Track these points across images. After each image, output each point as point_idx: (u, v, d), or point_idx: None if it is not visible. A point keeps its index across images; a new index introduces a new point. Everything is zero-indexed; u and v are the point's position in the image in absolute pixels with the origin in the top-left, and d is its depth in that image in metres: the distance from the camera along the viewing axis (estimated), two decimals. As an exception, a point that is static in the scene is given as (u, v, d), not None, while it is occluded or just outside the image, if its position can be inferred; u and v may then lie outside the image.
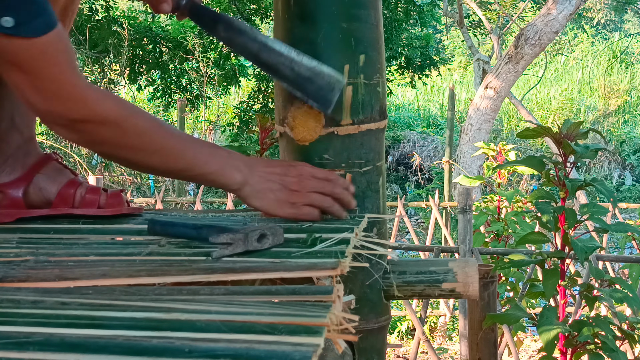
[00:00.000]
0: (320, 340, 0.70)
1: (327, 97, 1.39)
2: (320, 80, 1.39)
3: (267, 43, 1.41)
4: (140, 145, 1.30)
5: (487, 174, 4.02)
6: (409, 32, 10.40)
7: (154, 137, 1.31)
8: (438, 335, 5.15)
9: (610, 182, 12.23)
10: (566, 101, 14.29)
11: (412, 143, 12.72)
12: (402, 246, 4.71)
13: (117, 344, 0.71)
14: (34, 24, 1.20)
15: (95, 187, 1.45)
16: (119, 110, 1.28)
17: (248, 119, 9.84)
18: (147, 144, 1.31)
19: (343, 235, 1.18)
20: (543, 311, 2.07)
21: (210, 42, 10.00)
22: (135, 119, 1.30)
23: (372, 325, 1.46)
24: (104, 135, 1.28)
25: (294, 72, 1.39)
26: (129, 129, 1.28)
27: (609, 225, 2.14)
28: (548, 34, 7.21)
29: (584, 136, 2.06)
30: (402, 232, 8.51)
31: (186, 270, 1.00)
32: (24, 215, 1.41)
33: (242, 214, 1.50)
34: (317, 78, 1.39)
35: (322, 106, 1.41)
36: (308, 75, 1.39)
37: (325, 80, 1.39)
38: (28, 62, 1.21)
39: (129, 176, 9.46)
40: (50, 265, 1.06)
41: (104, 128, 1.27)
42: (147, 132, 1.31)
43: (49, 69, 1.23)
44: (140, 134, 1.30)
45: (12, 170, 1.43)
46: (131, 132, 1.29)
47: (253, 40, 1.42)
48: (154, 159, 1.32)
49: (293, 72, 1.39)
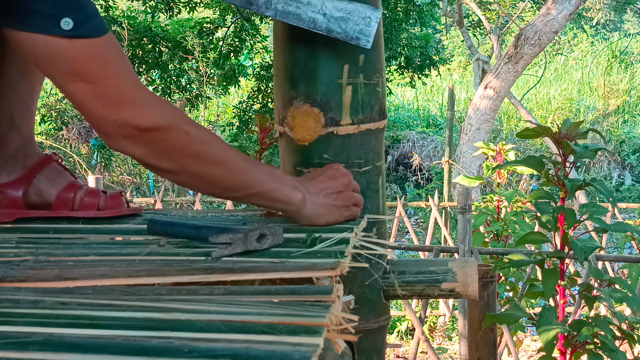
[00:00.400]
0: (320, 341, 0.70)
1: (365, 31, 1.36)
2: (355, 17, 1.36)
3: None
4: (207, 154, 1.23)
5: (486, 174, 4.01)
6: (409, 32, 10.40)
7: (219, 146, 1.25)
8: (437, 335, 5.15)
9: (609, 182, 12.23)
10: (566, 101, 14.28)
11: (412, 143, 12.72)
12: (401, 246, 4.71)
13: (117, 344, 0.71)
14: (93, 24, 1.17)
15: (94, 190, 1.45)
16: (183, 117, 1.23)
17: (247, 119, 9.84)
18: (213, 153, 1.24)
19: (343, 235, 1.18)
20: (542, 311, 2.07)
21: (209, 42, 10.00)
22: (198, 127, 1.25)
23: (372, 325, 1.46)
24: (173, 142, 1.20)
25: (327, 17, 1.36)
26: (195, 136, 1.21)
27: (608, 225, 2.14)
28: (547, 34, 7.21)
29: (584, 136, 2.06)
30: (401, 232, 8.51)
31: (185, 270, 1.00)
32: (24, 215, 1.41)
33: (242, 213, 1.50)
34: (351, 15, 1.36)
35: (362, 42, 1.37)
36: (341, 15, 1.36)
37: (361, 15, 1.36)
38: (89, 67, 1.16)
39: (128, 176, 9.46)
40: (49, 265, 1.06)
41: (173, 135, 1.20)
42: (212, 141, 1.24)
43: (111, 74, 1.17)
44: (207, 143, 1.23)
45: (12, 171, 1.43)
46: (198, 139, 1.22)
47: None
48: (220, 171, 1.24)
49: (325, 16, 1.36)
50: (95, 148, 9.88)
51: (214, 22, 10.05)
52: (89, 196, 1.43)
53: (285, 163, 1.51)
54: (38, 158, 1.47)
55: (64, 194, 1.43)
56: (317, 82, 1.44)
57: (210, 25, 10.05)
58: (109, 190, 1.47)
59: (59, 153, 1.55)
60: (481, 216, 3.82)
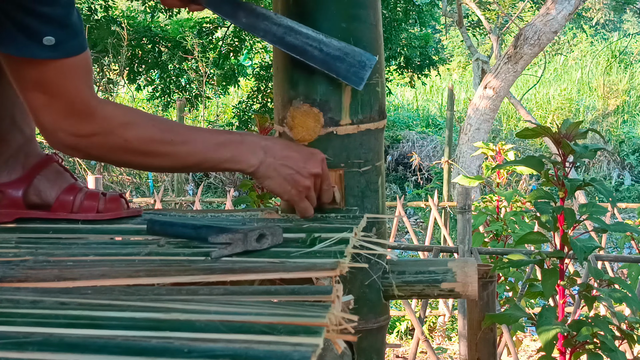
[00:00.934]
0: (320, 341, 0.70)
1: (359, 74, 1.40)
2: (350, 59, 1.40)
3: (294, 27, 1.41)
4: (148, 150, 1.32)
5: (486, 174, 4.01)
6: (408, 32, 10.40)
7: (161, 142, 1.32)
8: (437, 335, 5.15)
9: (609, 182, 12.23)
10: (565, 101, 14.29)
11: (412, 143, 12.72)
12: (401, 246, 4.71)
13: (116, 344, 0.71)
14: (72, 44, 1.24)
15: (94, 193, 1.45)
16: (123, 118, 1.30)
17: (247, 119, 9.84)
18: (155, 149, 1.32)
19: (342, 235, 1.18)
20: (542, 311, 2.07)
21: (209, 42, 10.00)
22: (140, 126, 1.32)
23: (371, 325, 1.46)
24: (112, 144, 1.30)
25: (323, 53, 1.40)
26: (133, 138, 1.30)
27: (608, 225, 2.14)
28: (547, 34, 7.21)
29: (583, 136, 2.06)
30: (401, 232, 8.51)
31: (185, 270, 1.00)
32: (23, 215, 1.41)
33: (241, 214, 1.50)
34: (347, 57, 1.40)
35: (354, 83, 1.41)
36: (338, 55, 1.40)
37: (357, 58, 1.40)
38: (54, 82, 1.24)
39: (128, 176, 9.45)
40: (49, 265, 1.06)
41: (111, 138, 1.29)
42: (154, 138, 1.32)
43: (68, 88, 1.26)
44: (147, 141, 1.31)
45: (12, 171, 1.43)
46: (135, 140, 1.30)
47: (278, 25, 1.42)
48: (165, 161, 1.35)
49: (322, 52, 1.40)
50: (95, 148, 9.85)
51: (214, 22, 10.05)
52: (88, 199, 1.44)
53: (285, 163, 1.51)
54: (39, 158, 1.47)
55: (64, 196, 1.44)
56: (316, 82, 1.44)
57: (209, 25, 10.05)
58: (109, 192, 1.47)
59: (59, 153, 1.55)
60: (481, 216, 3.82)
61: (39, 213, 1.43)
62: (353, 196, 1.45)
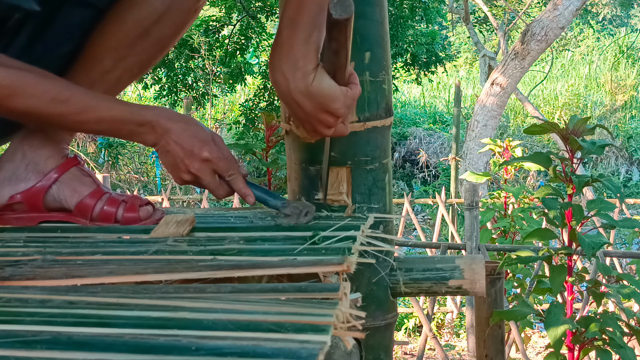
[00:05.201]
0: (327, 338, 0.70)
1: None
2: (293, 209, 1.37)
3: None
4: (36, 120, 1.32)
5: (493, 171, 4.01)
6: (415, 29, 10.39)
7: (49, 114, 1.28)
8: (445, 332, 5.14)
9: (617, 177, 12.20)
10: (573, 97, 14.25)
11: (419, 140, 12.71)
12: (408, 243, 4.71)
13: (124, 342, 0.71)
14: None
15: (114, 199, 1.39)
16: (5, 84, 1.24)
17: (254, 117, 9.85)
18: (43, 120, 1.30)
19: (349, 233, 1.18)
20: (550, 308, 2.07)
21: (216, 40, 10.01)
22: (24, 96, 1.25)
23: (379, 322, 1.46)
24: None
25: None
26: (18, 108, 1.26)
27: (616, 221, 2.14)
28: (554, 30, 7.19)
29: (591, 132, 2.05)
30: (408, 229, 8.51)
31: (192, 267, 1.00)
32: (46, 219, 1.39)
33: (249, 212, 1.50)
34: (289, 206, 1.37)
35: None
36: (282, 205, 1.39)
37: (299, 208, 1.36)
38: None
39: (135, 174, 9.48)
40: (57, 263, 1.06)
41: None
42: (41, 112, 1.27)
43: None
44: (35, 114, 1.27)
45: (32, 177, 1.40)
46: (21, 112, 1.27)
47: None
48: (55, 125, 1.34)
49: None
50: (103, 147, 9.91)
51: (220, 20, 10.06)
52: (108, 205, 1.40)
53: (292, 161, 1.51)
54: (58, 162, 1.42)
55: (83, 204, 1.39)
56: (323, 80, 1.44)
57: (216, 23, 10.06)
58: (130, 197, 1.42)
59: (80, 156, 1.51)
60: (488, 213, 3.82)
61: (61, 215, 1.40)
62: (360, 194, 1.45)
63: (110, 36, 1.42)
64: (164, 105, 10.79)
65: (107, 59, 1.43)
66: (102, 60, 1.43)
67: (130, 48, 1.44)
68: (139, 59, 1.46)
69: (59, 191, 1.40)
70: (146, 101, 12.26)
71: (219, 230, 1.29)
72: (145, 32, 1.43)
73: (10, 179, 1.40)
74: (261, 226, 1.33)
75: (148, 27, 1.43)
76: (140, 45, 1.44)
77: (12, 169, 1.40)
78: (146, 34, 1.43)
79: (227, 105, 13.09)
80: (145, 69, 1.53)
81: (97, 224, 1.38)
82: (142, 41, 1.44)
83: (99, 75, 1.43)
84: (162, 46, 1.49)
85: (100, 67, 1.43)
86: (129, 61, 1.45)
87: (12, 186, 1.39)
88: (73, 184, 1.41)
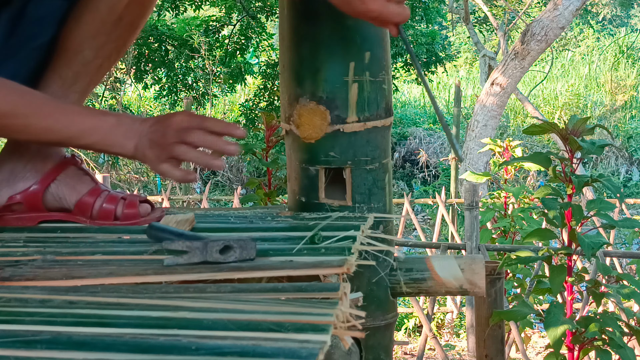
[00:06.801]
0: (327, 338, 0.70)
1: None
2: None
3: None
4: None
5: (493, 171, 4.01)
6: (415, 29, 10.39)
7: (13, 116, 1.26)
8: (445, 332, 5.14)
9: (617, 178, 12.19)
10: (573, 97, 14.24)
11: (419, 140, 12.71)
12: (408, 243, 4.71)
13: (124, 342, 0.71)
14: None
15: (113, 196, 1.39)
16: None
17: (254, 117, 9.85)
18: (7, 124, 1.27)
19: (349, 233, 1.18)
20: (550, 308, 2.07)
21: (216, 40, 10.01)
22: None
23: (379, 322, 1.46)
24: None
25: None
26: None
27: (616, 221, 2.14)
28: (554, 30, 7.18)
29: (591, 132, 2.05)
30: (408, 229, 8.50)
31: (192, 269, 1.00)
32: (45, 218, 1.39)
33: (249, 212, 1.50)
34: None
35: None
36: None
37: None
38: None
39: (135, 174, 9.48)
40: (57, 264, 1.06)
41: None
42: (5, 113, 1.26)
43: None
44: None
45: (30, 177, 1.40)
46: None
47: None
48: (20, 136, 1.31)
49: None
50: (103, 147, 9.87)
51: (220, 20, 10.06)
52: (108, 202, 1.39)
53: (292, 161, 1.51)
54: (57, 161, 1.42)
55: (83, 202, 1.39)
56: (323, 80, 1.44)
57: (216, 23, 10.06)
58: (129, 195, 1.41)
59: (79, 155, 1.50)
60: (488, 213, 3.82)
61: (61, 215, 1.40)
62: (360, 194, 1.45)
63: (86, 25, 1.42)
64: (164, 105, 10.83)
65: (86, 50, 1.42)
66: (82, 52, 1.42)
67: (108, 35, 1.43)
68: (115, 45, 1.46)
69: (58, 190, 1.40)
70: (146, 101, 12.26)
71: (219, 230, 1.29)
72: (119, 18, 1.42)
73: (8, 180, 1.40)
74: (261, 226, 1.33)
75: (121, 11, 1.42)
76: (115, 31, 1.44)
77: (10, 170, 1.40)
78: (120, 19, 1.42)
79: (227, 105, 13.09)
80: (121, 55, 1.53)
81: (97, 222, 1.37)
82: (117, 27, 1.43)
83: (82, 67, 1.43)
84: (134, 28, 1.48)
85: (81, 59, 1.43)
86: (107, 48, 1.45)
87: (10, 187, 1.39)
88: (72, 183, 1.41)
